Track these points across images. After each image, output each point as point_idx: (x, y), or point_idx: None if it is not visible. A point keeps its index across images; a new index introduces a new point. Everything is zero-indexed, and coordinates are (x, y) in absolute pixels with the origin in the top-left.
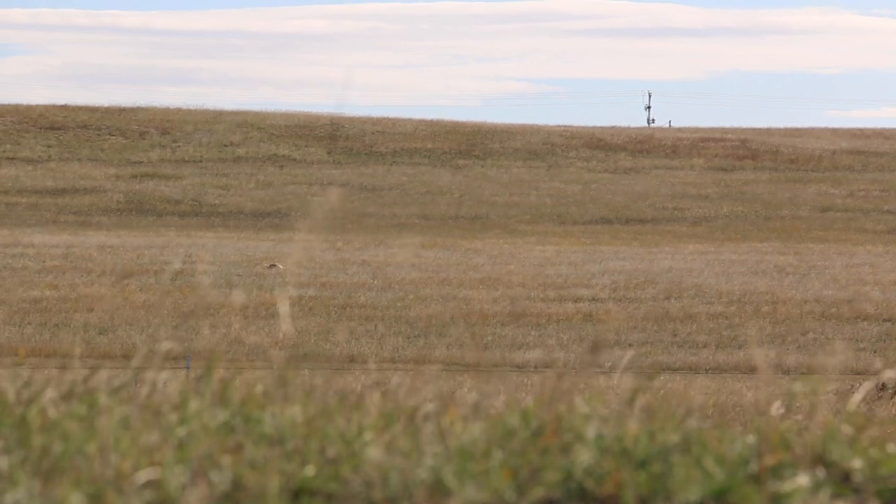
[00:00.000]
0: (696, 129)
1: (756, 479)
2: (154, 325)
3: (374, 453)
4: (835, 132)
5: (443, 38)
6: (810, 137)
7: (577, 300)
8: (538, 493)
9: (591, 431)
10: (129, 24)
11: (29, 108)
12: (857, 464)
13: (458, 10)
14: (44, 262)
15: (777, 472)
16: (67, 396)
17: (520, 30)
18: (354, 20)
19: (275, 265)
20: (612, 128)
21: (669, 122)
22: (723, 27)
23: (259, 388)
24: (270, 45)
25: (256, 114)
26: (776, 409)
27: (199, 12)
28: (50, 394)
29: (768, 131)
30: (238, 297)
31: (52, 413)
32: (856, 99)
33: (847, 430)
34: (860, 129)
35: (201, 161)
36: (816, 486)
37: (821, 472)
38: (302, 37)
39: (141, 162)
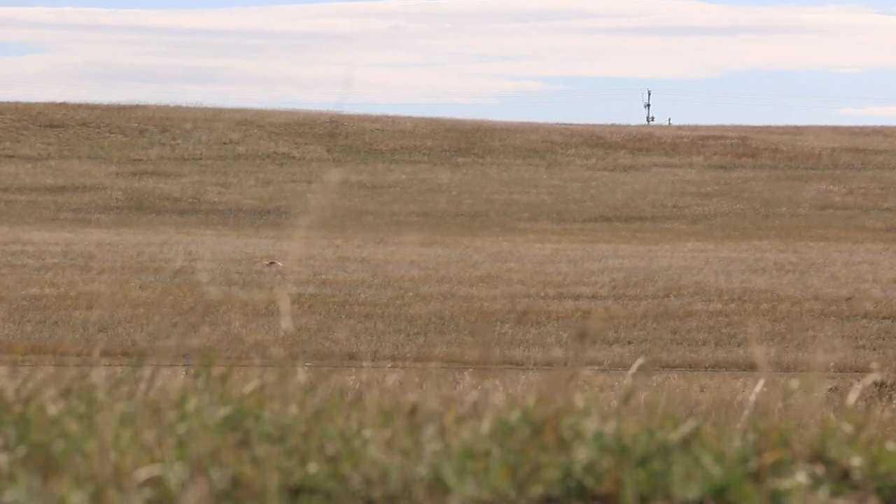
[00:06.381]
0: (696, 127)
1: (755, 477)
2: (154, 322)
3: (373, 451)
4: (835, 130)
5: (464, 37)
6: (810, 135)
7: (576, 298)
8: (537, 490)
9: (590, 429)
10: (151, 22)
11: (28, 105)
12: (856, 461)
13: (480, 7)
14: (43, 259)
15: (776, 469)
16: (67, 394)
17: (542, 28)
18: (377, 18)
19: (274, 263)
20: (612, 126)
21: (669, 119)
22: (745, 25)
23: (259, 386)
24: (292, 44)
25: (256, 112)
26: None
27: (222, 10)
28: (49, 391)
29: (768, 129)
30: (241, 294)
31: (51, 410)
32: (872, 97)
33: (846, 427)
34: (860, 127)
35: (201, 159)
36: (815, 484)
37: (820, 470)
38: (323, 35)
39: (140, 160)
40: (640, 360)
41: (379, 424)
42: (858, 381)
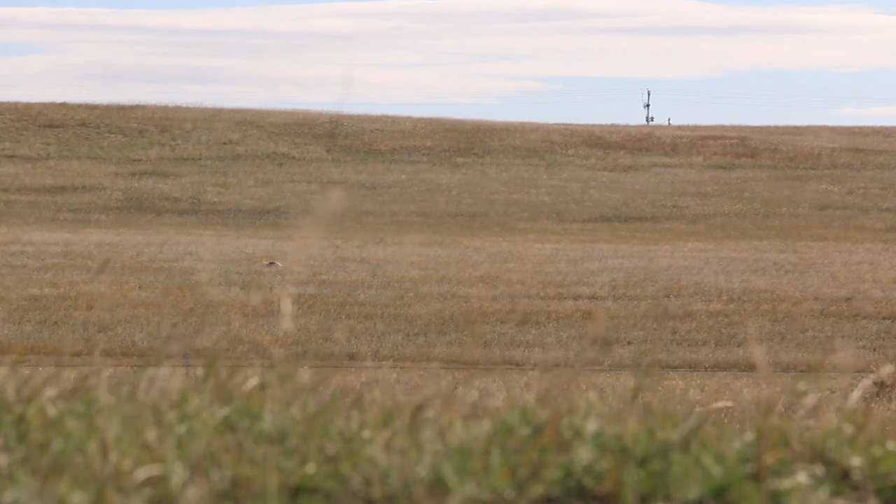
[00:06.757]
0: (696, 128)
1: (755, 477)
2: (154, 322)
3: (373, 451)
4: (834, 130)
5: (464, 37)
6: (809, 135)
7: (576, 298)
8: (537, 490)
9: (590, 429)
10: (153, 23)
11: (28, 105)
12: (856, 461)
13: (480, 7)
14: (43, 259)
15: (776, 469)
16: (67, 394)
17: (542, 28)
18: (377, 18)
19: (274, 263)
20: (611, 126)
21: (669, 119)
22: (745, 25)
23: (259, 386)
24: (292, 44)
25: (255, 112)
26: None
27: (223, 10)
28: (49, 391)
29: (767, 129)
30: (254, 297)
31: (51, 411)
32: (873, 97)
33: (847, 427)
34: (859, 128)
35: (200, 159)
36: (816, 484)
37: (820, 470)
38: (324, 35)
39: (140, 160)
40: (647, 359)
41: (379, 424)
42: (860, 380)
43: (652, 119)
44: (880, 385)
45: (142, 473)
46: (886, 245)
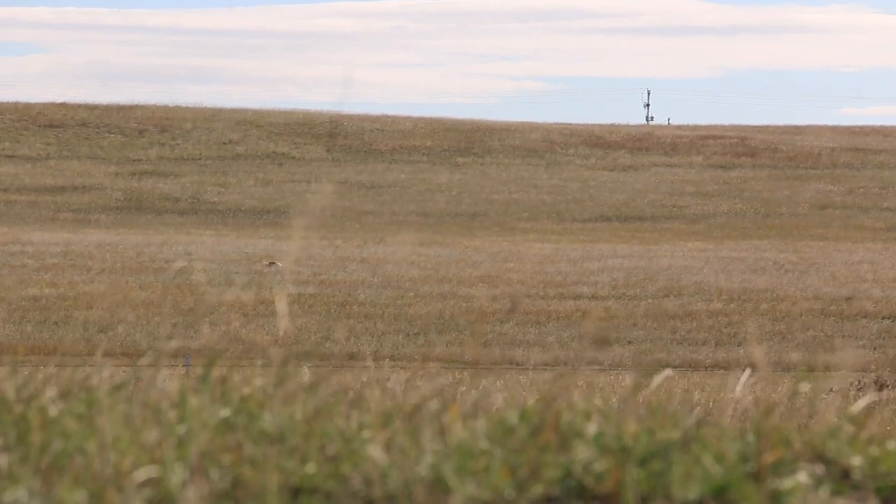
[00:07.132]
0: (696, 127)
1: (755, 477)
2: (154, 322)
3: (373, 451)
4: (834, 129)
5: (464, 37)
6: (809, 135)
7: (576, 298)
8: (538, 490)
9: (590, 429)
10: (154, 22)
11: (28, 105)
12: (856, 461)
13: (481, 7)
14: (43, 259)
15: (776, 469)
16: (67, 394)
17: (542, 28)
18: (377, 18)
19: (274, 263)
20: (611, 125)
21: (668, 119)
22: (745, 25)
23: (258, 386)
24: (293, 44)
25: (255, 111)
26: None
27: (224, 10)
28: (49, 392)
29: (767, 129)
30: (243, 296)
31: (51, 411)
32: (874, 97)
33: (847, 427)
34: (859, 127)
35: (200, 159)
36: (816, 484)
37: (820, 470)
38: (324, 35)
39: (140, 160)
40: (666, 372)
41: (379, 424)
42: (860, 380)
43: (652, 119)
44: (880, 385)
45: (141, 474)
46: (886, 245)
